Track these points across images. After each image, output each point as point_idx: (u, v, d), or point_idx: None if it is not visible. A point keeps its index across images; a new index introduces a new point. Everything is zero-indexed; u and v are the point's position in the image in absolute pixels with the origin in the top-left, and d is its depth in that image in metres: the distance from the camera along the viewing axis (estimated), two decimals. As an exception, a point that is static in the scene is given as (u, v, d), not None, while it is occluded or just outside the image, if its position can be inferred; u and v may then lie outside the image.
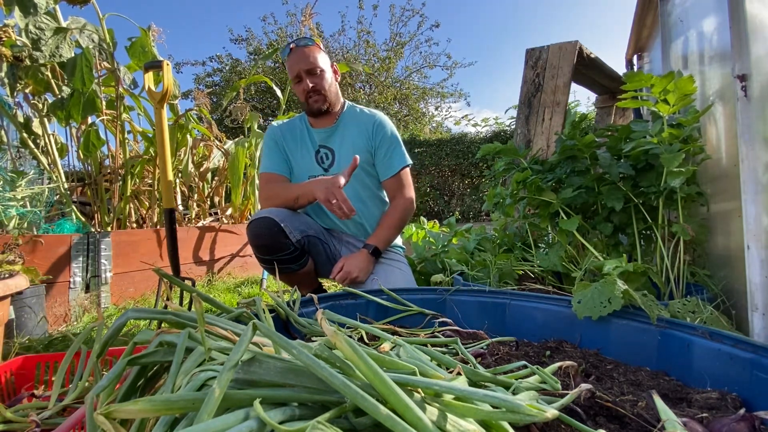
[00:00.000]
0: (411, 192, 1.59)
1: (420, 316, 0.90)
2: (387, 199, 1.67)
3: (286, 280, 1.50)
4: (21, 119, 2.23)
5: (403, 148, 1.61)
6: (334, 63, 1.63)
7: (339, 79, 1.65)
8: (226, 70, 12.77)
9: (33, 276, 1.23)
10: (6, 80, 1.90)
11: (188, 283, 1.35)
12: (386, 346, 0.59)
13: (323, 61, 1.55)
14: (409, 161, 1.59)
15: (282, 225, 1.38)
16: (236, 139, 3.46)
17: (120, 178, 2.59)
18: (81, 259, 2.05)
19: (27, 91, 2.16)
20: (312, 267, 1.53)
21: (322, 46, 1.58)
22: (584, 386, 0.45)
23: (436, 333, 0.77)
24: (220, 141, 3.53)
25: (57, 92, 2.13)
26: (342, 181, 1.29)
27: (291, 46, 1.54)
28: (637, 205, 1.15)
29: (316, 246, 1.51)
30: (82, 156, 2.43)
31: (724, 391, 0.54)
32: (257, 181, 3.27)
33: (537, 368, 0.53)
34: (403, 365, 0.42)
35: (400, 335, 0.73)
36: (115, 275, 2.20)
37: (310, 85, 1.50)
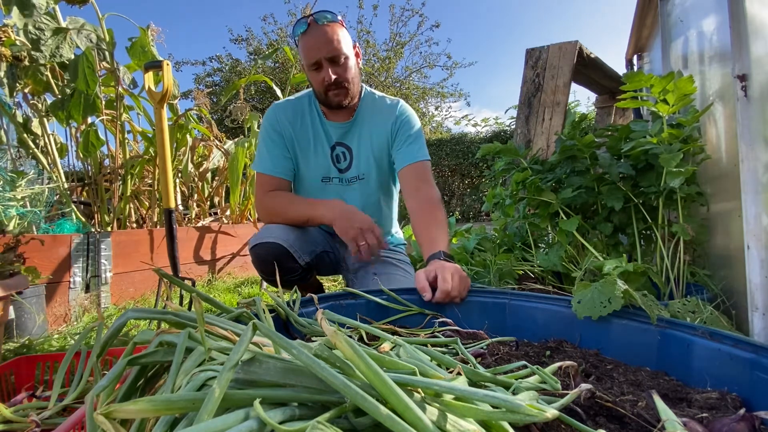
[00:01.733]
0: (435, 187, 1.34)
1: (420, 316, 0.90)
2: (392, 204, 1.55)
3: (286, 286, 1.45)
4: (20, 119, 2.23)
5: (425, 145, 1.41)
6: (356, 44, 1.35)
7: (361, 62, 1.38)
8: (226, 70, 12.78)
9: (33, 276, 1.23)
10: (5, 80, 1.90)
11: (188, 283, 1.35)
12: (386, 346, 0.59)
13: (347, 44, 1.27)
14: (429, 158, 1.38)
15: (291, 250, 1.25)
16: (236, 139, 3.46)
17: (120, 178, 2.59)
18: (81, 259, 2.05)
19: (26, 91, 2.16)
20: (315, 277, 1.48)
21: (344, 23, 1.30)
22: (584, 386, 0.45)
23: (436, 333, 0.77)
24: (220, 141, 3.53)
25: (57, 92, 2.13)
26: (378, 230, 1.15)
27: (309, 20, 1.23)
28: (637, 205, 1.15)
29: (323, 260, 1.42)
30: (81, 156, 2.43)
31: (724, 391, 0.54)
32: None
33: (537, 368, 0.53)
34: (403, 365, 0.42)
35: (400, 335, 0.73)
36: (115, 275, 2.20)
37: (333, 77, 1.24)
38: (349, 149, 1.39)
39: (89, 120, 2.45)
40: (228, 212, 3.51)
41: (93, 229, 2.29)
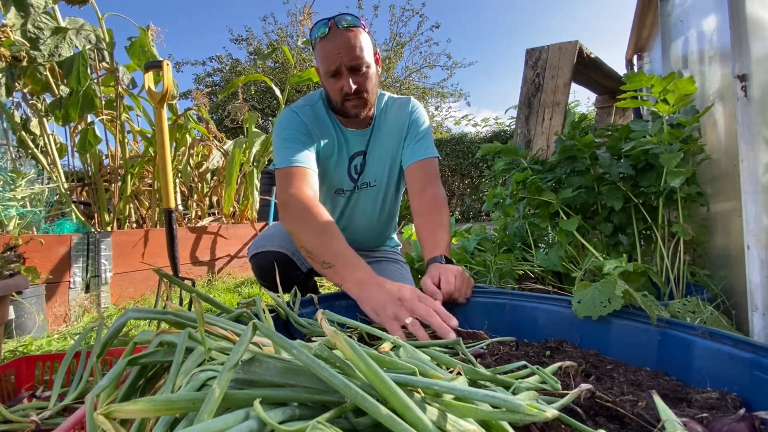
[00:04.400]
0: (441, 186, 1.28)
1: (420, 316, 0.90)
2: (396, 208, 1.50)
3: (285, 290, 1.38)
4: (18, 119, 2.23)
5: (433, 142, 1.35)
6: (377, 51, 1.26)
7: (380, 68, 1.29)
8: (226, 70, 12.77)
9: (33, 276, 1.23)
10: (3, 80, 1.90)
11: (188, 283, 1.35)
12: (386, 346, 0.59)
13: (369, 51, 1.17)
14: (438, 155, 1.33)
15: (293, 258, 1.22)
16: (235, 140, 3.47)
17: (120, 178, 2.59)
18: (81, 259, 2.05)
19: (26, 91, 2.16)
20: (314, 278, 1.46)
21: (366, 25, 1.19)
22: (584, 386, 0.45)
23: (436, 333, 0.76)
24: (219, 141, 3.53)
25: (56, 92, 2.13)
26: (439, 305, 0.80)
27: (329, 23, 1.13)
28: (637, 205, 1.15)
29: None
30: (78, 153, 2.43)
31: (724, 391, 0.54)
32: (256, 182, 3.26)
33: (537, 368, 0.53)
34: (403, 365, 0.42)
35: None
36: (115, 275, 2.20)
37: (353, 86, 1.15)
38: (365, 157, 1.33)
39: (88, 119, 2.45)
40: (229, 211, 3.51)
41: (93, 229, 2.29)
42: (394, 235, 1.62)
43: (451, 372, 0.48)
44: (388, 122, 1.33)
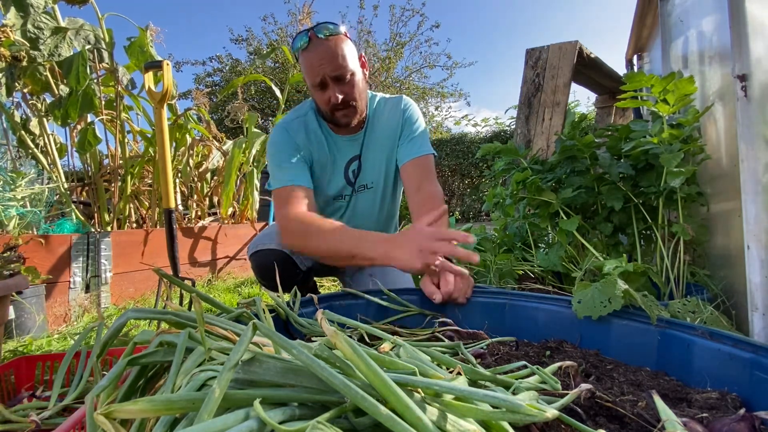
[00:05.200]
0: (437, 184, 1.27)
1: (420, 316, 0.90)
2: (396, 208, 1.50)
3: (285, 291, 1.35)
4: (18, 119, 2.23)
5: (428, 139, 1.36)
6: (362, 54, 1.25)
7: (368, 73, 1.29)
8: (226, 70, 12.78)
9: (33, 276, 1.23)
10: (2, 80, 1.90)
11: (188, 283, 1.35)
12: (386, 346, 0.59)
13: (353, 58, 1.17)
14: (433, 152, 1.32)
15: (293, 256, 1.23)
16: (235, 140, 3.47)
17: (120, 177, 2.59)
18: (81, 259, 2.05)
19: (26, 91, 2.16)
20: (313, 278, 1.47)
21: (347, 33, 1.19)
22: (584, 386, 0.45)
23: (436, 333, 0.77)
24: (219, 141, 3.53)
25: (56, 92, 2.13)
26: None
27: (309, 34, 1.13)
28: (637, 205, 1.15)
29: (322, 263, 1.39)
30: (78, 152, 2.43)
31: (724, 391, 0.54)
32: (256, 182, 3.26)
33: (537, 368, 0.53)
34: (403, 365, 0.42)
35: (400, 335, 0.73)
36: (115, 275, 2.20)
37: (340, 97, 1.15)
38: (360, 161, 1.33)
39: (88, 119, 2.45)
40: (229, 211, 3.51)
41: (93, 229, 2.29)
42: None
43: (451, 372, 0.48)
44: (381, 123, 1.32)
